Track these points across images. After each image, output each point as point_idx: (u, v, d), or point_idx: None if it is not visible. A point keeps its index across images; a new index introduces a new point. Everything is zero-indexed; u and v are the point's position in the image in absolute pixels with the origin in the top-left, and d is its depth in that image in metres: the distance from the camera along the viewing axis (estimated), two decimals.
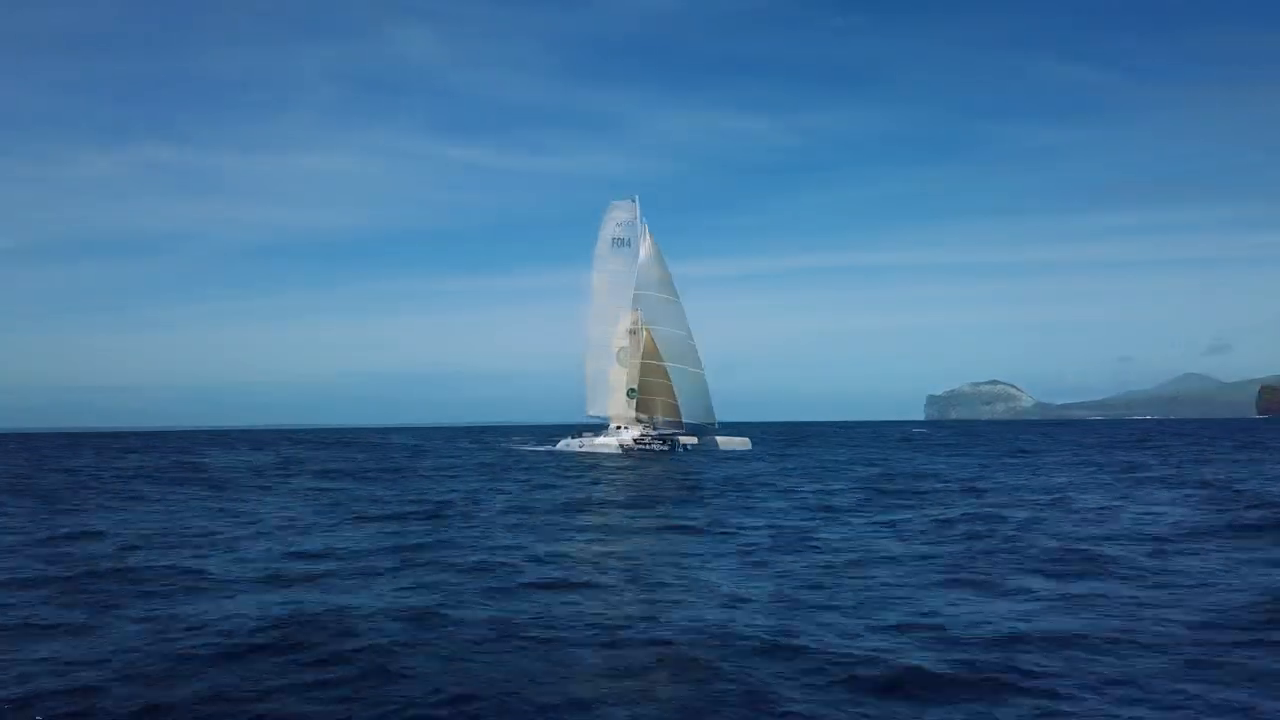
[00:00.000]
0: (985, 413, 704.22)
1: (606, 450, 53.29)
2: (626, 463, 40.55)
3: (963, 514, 20.85)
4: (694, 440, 53.36)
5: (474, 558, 15.12)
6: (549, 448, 58.04)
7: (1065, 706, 7.62)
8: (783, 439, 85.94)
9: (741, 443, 54.30)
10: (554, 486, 30.37)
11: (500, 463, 46.42)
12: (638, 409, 53.38)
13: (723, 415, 55.30)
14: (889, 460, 46.35)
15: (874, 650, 9.16)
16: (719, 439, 54.03)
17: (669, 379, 52.18)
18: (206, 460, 52.46)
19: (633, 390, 52.86)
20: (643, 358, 52.85)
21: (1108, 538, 16.92)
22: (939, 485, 29.60)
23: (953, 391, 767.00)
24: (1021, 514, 20.62)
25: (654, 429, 54.20)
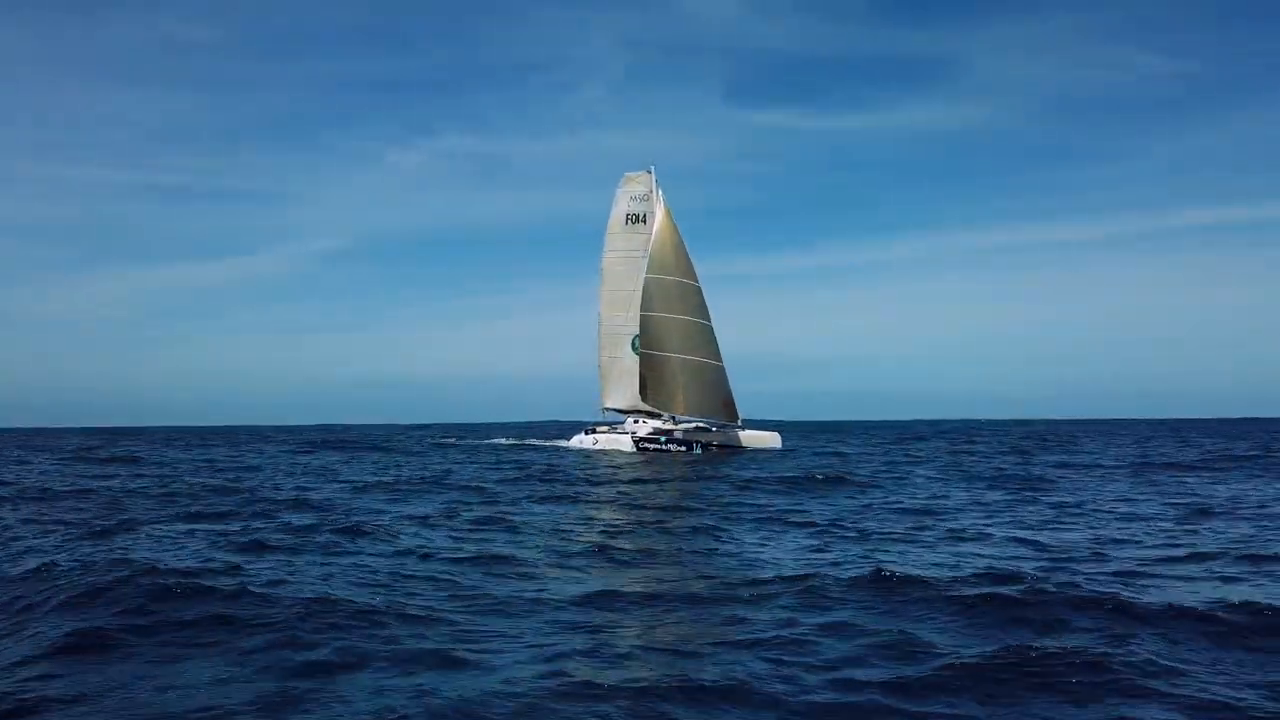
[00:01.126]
0: None
1: (620, 448, 48.63)
2: (631, 474, 35.61)
3: None
4: (715, 440, 48.29)
5: None
6: (547, 443, 53.56)
7: None
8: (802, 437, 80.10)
9: (771, 438, 49.09)
10: None
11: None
12: (653, 404, 48.38)
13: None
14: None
15: None
16: (742, 434, 48.86)
17: (683, 372, 47.06)
18: None
19: (643, 380, 47.78)
20: (644, 347, 47.70)
21: None
22: None
23: None
24: None
25: (674, 424, 49.28)
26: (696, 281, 47.87)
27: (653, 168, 51.00)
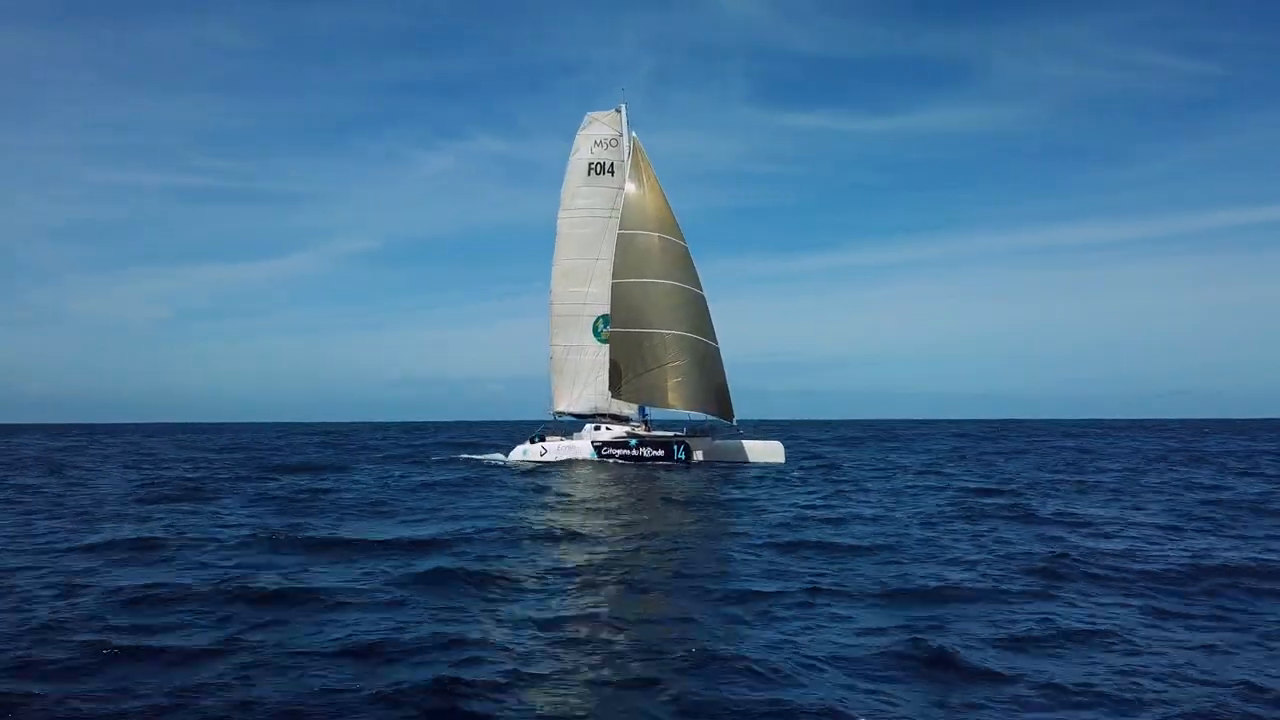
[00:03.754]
0: None
1: (577, 456, 37.01)
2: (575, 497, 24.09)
3: None
4: (702, 450, 37.04)
5: None
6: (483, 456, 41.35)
7: None
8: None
9: (771, 450, 37.84)
10: None
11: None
12: (629, 396, 36.95)
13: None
14: None
15: None
16: (747, 444, 37.68)
17: (670, 352, 35.85)
18: None
19: (616, 370, 36.38)
20: (617, 325, 36.53)
21: None
22: None
23: None
24: None
25: (645, 428, 37.90)
26: (683, 241, 37.06)
27: (623, 105, 40.37)
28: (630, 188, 37.40)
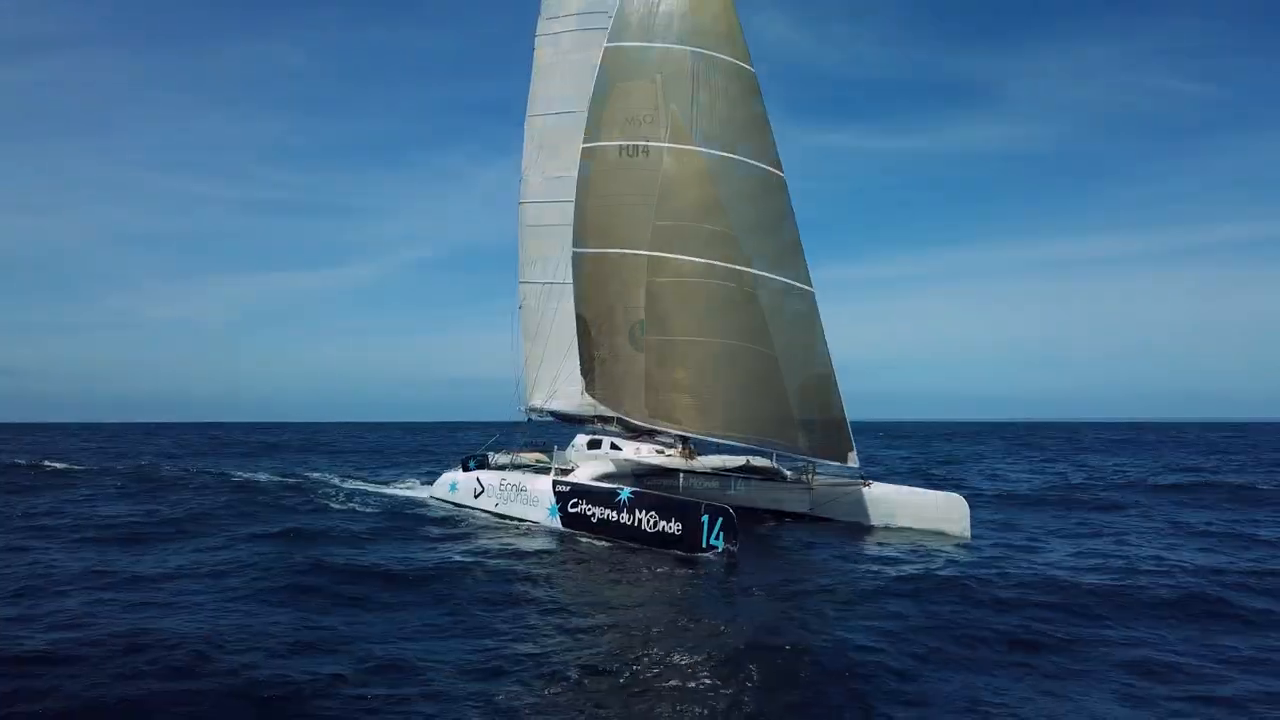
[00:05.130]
0: None
1: (529, 514, 19.02)
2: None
3: None
4: (803, 489, 18.89)
5: None
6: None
7: None
8: None
9: (942, 508, 18.37)
10: None
11: None
12: (592, 394, 18.42)
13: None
14: None
15: None
16: (883, 495, 18.99)
17: (732, 313, 17.24)
18: None
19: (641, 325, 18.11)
20: (579, 243, 18.02)
21: None
22: None
23: None
24: None
25: (686, 450, 19.39)
26: (756, 86, 18.08)
27: None
28: None
